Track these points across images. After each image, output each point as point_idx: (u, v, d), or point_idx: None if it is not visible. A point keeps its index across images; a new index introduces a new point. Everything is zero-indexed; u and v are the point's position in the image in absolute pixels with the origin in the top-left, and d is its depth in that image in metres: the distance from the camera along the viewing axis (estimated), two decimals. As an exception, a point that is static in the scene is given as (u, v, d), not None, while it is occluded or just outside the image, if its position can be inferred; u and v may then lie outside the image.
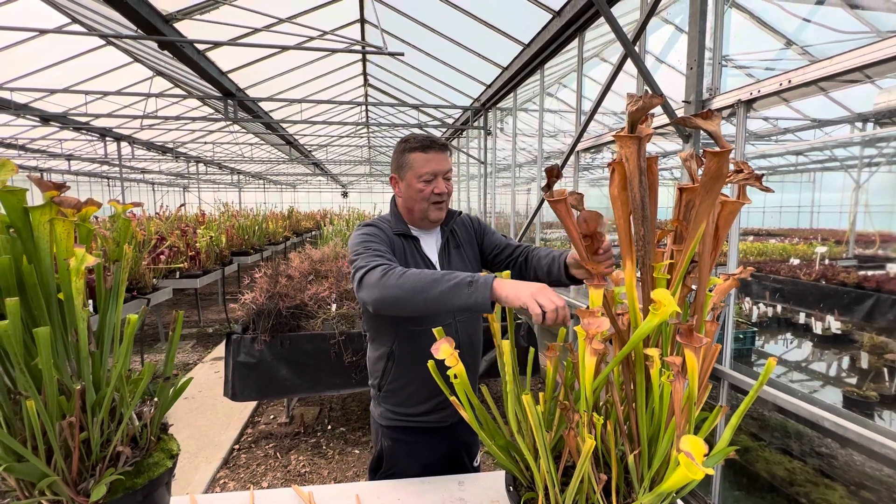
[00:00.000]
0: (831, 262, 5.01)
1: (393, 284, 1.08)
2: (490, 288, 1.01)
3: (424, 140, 1.34)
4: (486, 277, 1.04)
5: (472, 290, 1.02)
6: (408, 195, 1.37)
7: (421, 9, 4.51)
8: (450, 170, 1.37)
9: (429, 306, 1.06)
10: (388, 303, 1.09)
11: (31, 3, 4.15)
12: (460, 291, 1.02)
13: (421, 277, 1.07)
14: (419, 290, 1.05)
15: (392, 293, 1.08)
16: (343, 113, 9.28)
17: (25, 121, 7.53)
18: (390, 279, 1.09)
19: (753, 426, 3.11)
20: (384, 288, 1.09)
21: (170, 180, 19.67)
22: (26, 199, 0.83)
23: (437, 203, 1.36)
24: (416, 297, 1.06)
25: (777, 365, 3.18)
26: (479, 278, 1.03)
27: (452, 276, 1.06)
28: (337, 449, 3.18)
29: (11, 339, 0.72)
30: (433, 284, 1.05)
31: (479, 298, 1.01)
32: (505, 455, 0.95)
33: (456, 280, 1.04)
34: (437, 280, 1.05)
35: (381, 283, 1.09)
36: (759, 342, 3.70)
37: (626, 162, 0.80)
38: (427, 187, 1.34)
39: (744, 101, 2.00)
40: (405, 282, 1.07)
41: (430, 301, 1.05)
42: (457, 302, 1.03)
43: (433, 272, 1.09)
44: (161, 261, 5.02)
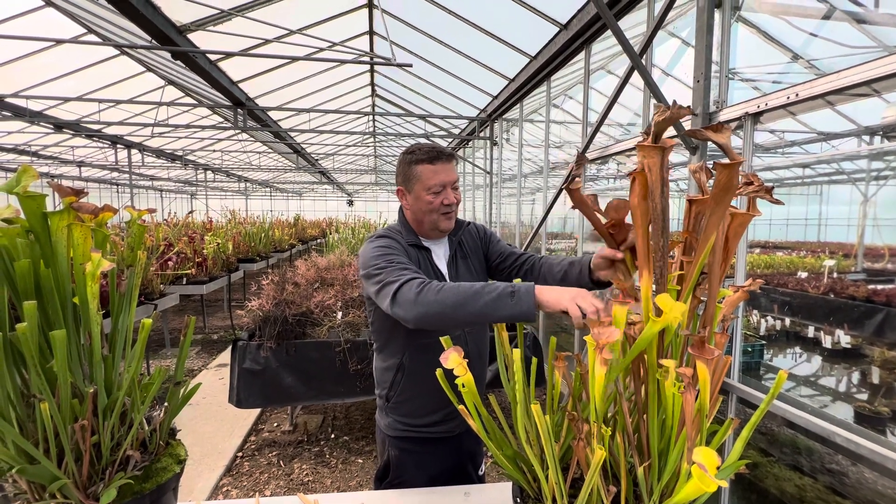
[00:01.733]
0: (840, 275, 4.96)
1: (433, 300, 1.06)
2: (532, 296, 1.00)
3: (431, 151, 1.33)
4: (527, 286, 1.02)
5: (515, 300, 1.00)
6: (417, 207, 1.36)
7: (429, 21, 4.57)
8: (457, 179, 1.37)
9: (471, 320, 1.04)
10: (430, 319, 1.07)
11: (50, 14, 4.25)
12: (503, 302, 1.01)
13: (461, 291, 1.05)
14: (461, 305, 1.04)
15: (434, 309, 1.06)
16: (350, 122, 9.38)
17: (39, 128, 7.67)
18: (429, 295, 1.07)
19: (762, 441, 3.06)
20: (425, 304, 1.07)
21: (178, 187, 19.88)
22: (45, 204, 0.85)
23: (446, 213, 1.36)
24: (458, 312, 1.04)
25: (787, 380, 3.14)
26: (521, 287, 1.02)
27: (493, 287, 1.04)
28: (340, 458, 3.16)
29: (29, 341, 0.73)
30: (475, 297, 1.03)
31: (524, 307, 0.99)
32: (512, 465, 0.95)
33: (497, 291, 1.03)
34: (479, 293, 1.04)
35: (421, 299, 1.07)
36: (767, 356, 3.66)
37: (649, 172, 0.80)
38: (436, 199, 1.33)
39: (751, 114, 2.01)
40: (445, 297, 1.05)
41: (473, 315, 1.03)
42: (501, 313, 1.01)
43: (471, 284, 1.07)
44: (169, 267, 5.06)
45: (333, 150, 11.63)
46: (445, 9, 4.18)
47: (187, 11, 3.79)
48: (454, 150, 8.71)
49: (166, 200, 21.04)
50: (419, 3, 4.24)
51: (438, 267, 1.41)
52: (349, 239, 6.39)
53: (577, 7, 3.41)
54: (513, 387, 0.94)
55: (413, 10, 4.45)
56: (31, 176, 0.83)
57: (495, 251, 1.51)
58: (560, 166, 5.22)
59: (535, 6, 3.64)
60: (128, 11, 3.24)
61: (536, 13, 3.68)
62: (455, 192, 1.36)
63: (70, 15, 4.36)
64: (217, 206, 19.35)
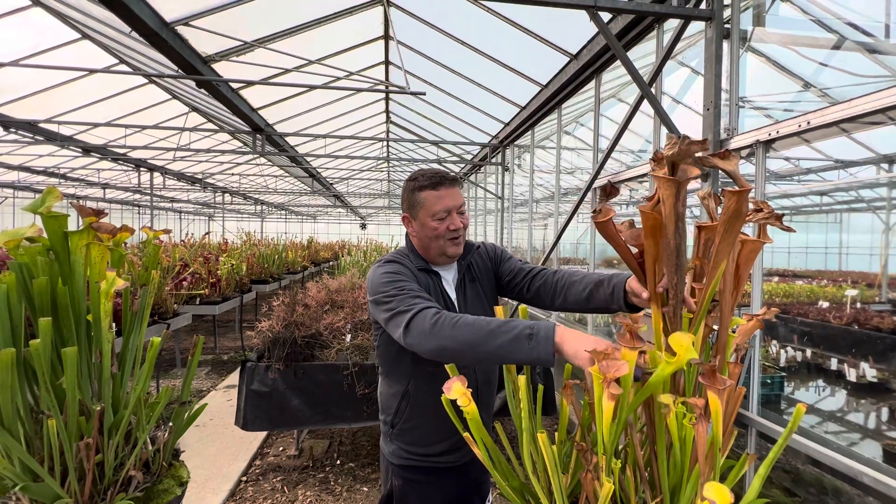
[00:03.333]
0: (863, 305, 4.80)
1: (448, 335, 1.02)
2: (552, 342, 0.93)
3: (434, 177, 1.30)
4: (546, 328, 0.95)
5: (532, 343, 0.94)
6: (423, 234, 1.33)
7: (442, 51, 4.72)
8: (463, 203, 1.33)
9: (485, 359, 1.00)
10: (444, 353, 1.03)
11: (86, 46, 4.51)
12: (520, 345, 0.95)
13: (477, 328, 1.00)
14: (476, 343, 0.99)
15: (448, 344, 1.02)
16: (365, 148, 9.60)
17: (69, 151, 8.01)
18: (444, 329, 1.03)
19: (786, 480, 2.91)
20: (439, 338, 1.03)
21: (196, 209, 20.40)
22: (67, 224, 0.88)
23: (453, 239, 1.32)
24: (473, 351, 1.00)
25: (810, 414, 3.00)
26: (540, 329, 0.95)
27: (510, 326, 0.98)
28: (345, 486, 3.09)
29: (41, 357, 0.74)
30: (490, 337, 0.98)
31: (542, 354, 0.93)
32: (519, 498, 0.92)
33: (515, 332, 0.96)
34: (494, 332, 0.98)
35: (434, 332, 1.03)
36: (788, 388, 3.52)
37: (663, 205, 0.75)
38: (441, 225, 1.30)
39: (763, 142, 2.00)
40: (461, 333, 1.01)
41: (486, 354, 0.99)
42: (517, 357, 0.96)
43: (489, 321, 1.02)
44: (183, 287, 5.14)
45: (348, 175, 11.87)
46: (458, 40, 4.32)
47: (212, 43, 3.99)
48: (461, 175, 8.82)
49: (185, 222, 21.56)
50: (433, 35, 4.40)
51: (448, 292, 1.38)
52: (361, 262, 6.44)
53: (586, 38, 3.49)
54: (518, 414, 0.92)
55: (427, 41, 4.61)
56: (55, 197, 0.87)
57: (506, 269, 1.46)
58: (571, 192, 5.24)
59: (545, 37, 3.74)
60: (158, 44, 3.43)
61: (547, 44, 3.78)
62: (462, 216, 1.33)
63: (104, 47, 4.62)
64: (233, 227, 19.76)
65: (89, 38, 4.43)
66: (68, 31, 4.28)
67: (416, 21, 4.30)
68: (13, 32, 4.25)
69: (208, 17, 3.64)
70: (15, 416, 0.76)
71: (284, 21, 4.17)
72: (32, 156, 8.62)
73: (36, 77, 5.10)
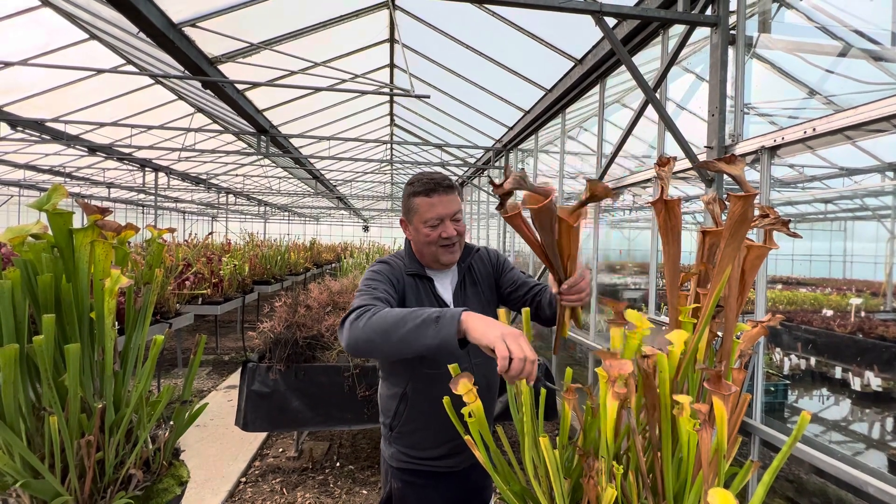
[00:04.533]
0: (868, 314, 4.77)
1: (362, 326, 1.02)
2: (457, 323, 0.93)
3: (428, 183, 1.28)
4: (452, 311, 0.95)
5: (438, 326, 0.94)
6: (417, 239, 1.33)
7: (447, 55, 4.74)
8: (458, 210, 1.31)
9: (400, 348, 0.99)
10: (357, 345, 1.04)
11: (93, 47, 4.55)
12: (426, 330, 0.95)
13: (389, 317, 1.01)
14: (387, 331, 0.99)
15: (362, 335, 1.02)
16: (369, 150, 9.63)
17: (75, 151, 8.06)
18: (361, 321, 1.03)
19: (790, 489, 2.88)
20: (355, 330, 1.03)
21: (200, 209, 20.48)
22: (72, 221, 0.88)
23: (446, 246, 1.30)
24: (384, 339, 0.99)
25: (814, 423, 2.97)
26: (447, 313, 0.96)
27: (420, 312, 0.98)
28: (344, 488, 3.08)
29: (44, 354, 0.74)
30: (400, 324, 0.98)
31: (445, 335, 0.93)
32: (520, 502, 0.91)
33: (423, 317, 0.97)
34: (404, 318, 0.98)
35: (354, 325, 1.04)
36: (791, 396, 3.49)
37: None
38: (433, 232, 1.28)
39: (768, 148, 2.00)
40: (374, 323, 1.01)
41: (399, 342, 0.98)
42: (424, 342, 0.95)
43: (404, 310, 1.02)
44: (186, 286, 5.15)
45: (351, 177, 11.91)
46: (463, 43, 4.33)
47: (219, 44, 4.01)
48: (464, 178, 8.83)
49: (188, 222, 21.65)
50: (438, 38, 4.41)
51: (442, 296, 1.36)
52: (363, 264, 6.44)
53: (591, 43, 3.50)
54: (521, 418, 0.92)
55: (432, 45, 4.63)
56: (60, 194, 0.87)
57: (508, 279, 1.46)
58: (574, 197, 5.23)
59: (550, 42, 3.75)
60: (165, 45, 3.45)
61: (552, 48, 3.79)
62: (456, 223, 1.30)
63: (112, 47, 4.66)
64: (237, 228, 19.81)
65: (97, 39, 4.47)
66: (76, 32, 4.32)
67: (421, 24, 4.32)
68: (22, 32, 4.29)
69: (215, 19, 3.66)
70: (17, 413, 0.76)
71: (291, 23, 4.19)
72: (38, 154, 8.68)
73: (44, 76, 5.15)
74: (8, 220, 12.62)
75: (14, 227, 0.86)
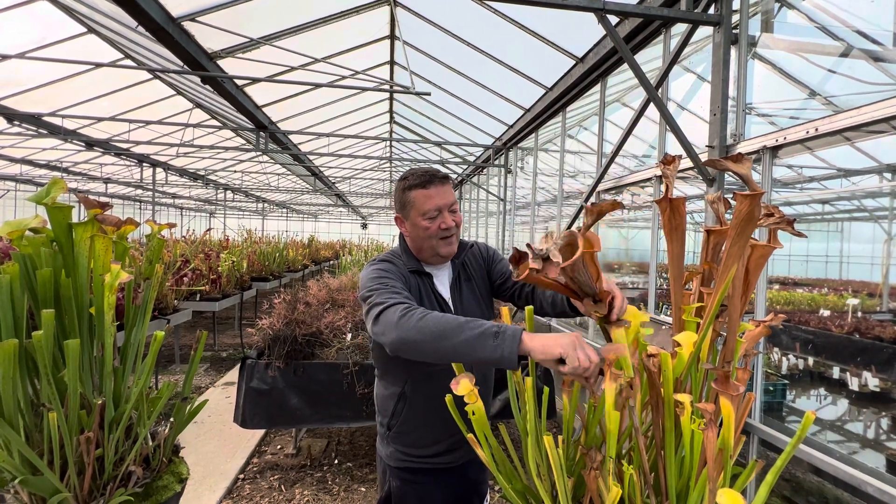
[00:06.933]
0: (864, 314, 4.79)
1: (413, 326, 1.01)
2: (518, 342, 0.92)
3: (423, 175, 1.29)
4: (514, 329, 0.94)
5: (497, 342, 0.93)
6: (415, 234, 1.32)
7: (448, 52, 4.73)
8: (454, 202, 1.32)
9: (449, 354, 0.98)
10: (406, 345, 1.03)
11: (91, 40, 4.51)
12: (485, 343, 0.94)
13: (443, 322, 1.00)
14: (440, 336, 0.98)
15: (411, 336, 1.01)
16: (368, 148, 9.61)
17: (72, 145, 8.01)
18: (410, 320, 1.02)
19: (786, 488, 2.90)
20: (404, 329, 1.02)
21: (198, 206, 20.41)
22: (72, 215, 0.87)
23: (445, 238, 1.31)
24: (437, 344, 0.98)
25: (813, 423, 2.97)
26: (507, 329, 0.94)
27: (477, 324, 0.97)
28: (343, 485, 3.08)
29: (44, 350, 0.73)
30: (456, 331, 0.97)
31: (506, 353, 0.91)
32: (522, 501, 0.91)
33: (481, 329, 0.96)
34: (461, 326, 0.97)
35: (401, 323, 1.03)
36: (790, 396, 3.50)
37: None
38: (432, 224, 1.29)
39: (769, 148, 2.00)
40: (426, 325, 1.00)
41: (451, 349, 0.97)
42: (480, 354, 0.94)
43: (457, 317, 1.01)
44: (184, 283, 5.13)
45: (350, 174, 11.88)
46: (464, 41, 4.32)
47: (218, 39, 3.99)
48: (464, 176, 8.82)
49: (186, 218, 21.57)
50: (439, 35, 4.39)
51: (441, 293, 1.36)
52: (361, 261, 6.43)
53: (593, 41, 3.49)
54: (523, 417, 0.91)
55: (433, 42, 4.61)
56: (60, 188, 0.86)
57: (498, 270, 1.46)
58: (574, 195, 5.23)
59: (551, 40, 3.74)
60: (164, 39, 3.43)
61: (553, 46, 3.78)
62: (454, 214, 1.31)
63: (110, 41, 4.62)
64: (234, 225, 19.76)
65: (95, 33, 4.43)
66: (74, 25, 4.28)
67: (422, 21, 4.30)
68: (20, 25, 4.25)
69: (215, 13, 3.64)
70: (15, 409, 0.75)
71: (291, 19, 4.17)
72: (35, 149, 8.63)
73: (41, 70, 5.10)
74: (4, 214, 12.54)
75: (12, 220, 0.85)
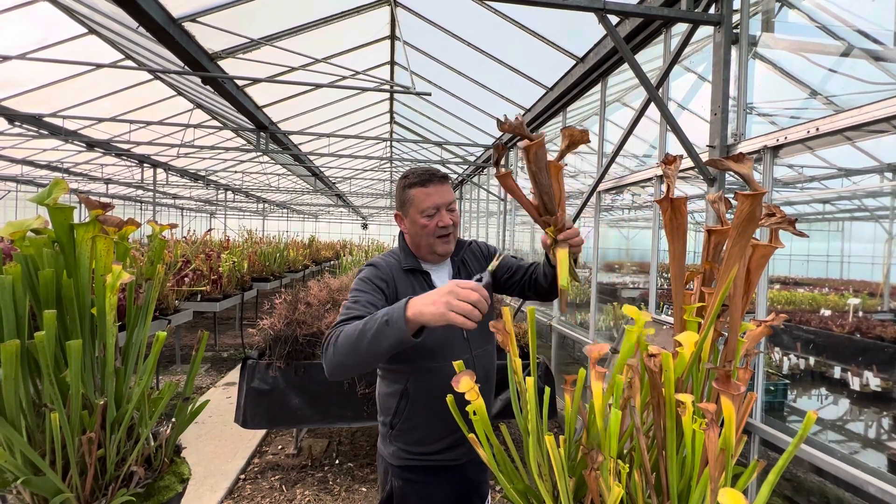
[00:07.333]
0: (865, 314, 4.78)
1: (333, 352, 1.05)
2: (403, 315, 0.96)
3: (423, 174, 1.33)
4: (397, 308, 0.98)
5: (391, 327, 0.97)
6: (413, 231, 1.35)
7: (448, 52, 4.73)
8: (453, 201, 1.35)
9: (369, 359, 1.02)
10: (337, 370, 1.06)
11: (92, 41, 4.52)
12: (383, 333, 0.98)
13: (350, 336, 1.03)
14: (353, 350, 1.02)
15: (335, 361, 1.05)
16: (368, 148, 9.61)
17: (73, 146, 8.02)
18: (329, 348, 1.06)
19: (788, 488, 2.89)
20: (328, 359, 1.06)
21: (198, 206, 20.43)
22: (73, 216, 0.88)
23: (442, 237, 1.33)
24: (354, 356, 1.02)
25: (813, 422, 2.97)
26: (393, 312, 0.98)
27: (372, 321, 1.01)
28: (344, 485, 3.08)
29: (46, 350, 0.73)
30: (361, 338, 1.01)
31: (401, 332, 0.96)
32: (523, 500, 0.91)
33: (376, 324, 0.99)
34: (363, 332, 1.01)
35: (326, 355, 1.07)
36: (791, 396, 3.50)
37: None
38: (430, 222, 1.31)
39: (770, 147, 2.00)
40: (340, 346, 1.04)
41: (367, 353, 1.00)
42: (387, 343, 0.98)
43: (357, 324, 1.04)
44: (185, 283, 5.13)
45: (351, 174, 11.88)
46: (464, 41, 4.32)
47: (219, 40, 3.99)
48: (464, 176, 8.82)
49: (186, 218, 21.58)
50: (439, 35, 4.40)
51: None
52: (361, 261, 6.44)
53: (593, 41, 3.49)
54: (525, 417, 0.91)
55: (433, 42, 4.61)
56: (62, 189, 0.86)
57: (502, 266, 1.47)
58: (574, 195, 5.23)
59: (552, 40, 3.74)
60: (165, 40, 3.43)
61: (553, 46, 3.78)
62: (451, 213, 1.34)
63: (111, 42, 4.62)
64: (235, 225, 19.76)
65: (96, 33, 4.44)
66: (75, 26, 4.29)
67: (422, 22, 4.31)
68: (20, 26, 4.26)
69: (215, 14, 3.64)
70: (18, 409, 0.75)
71: (291, 19, 4.17)
72: (36, 150, 8.64)
73: (42, 71, 5.11)
74: (5, 215, 12.56)
75: (14, 221, 0.85)
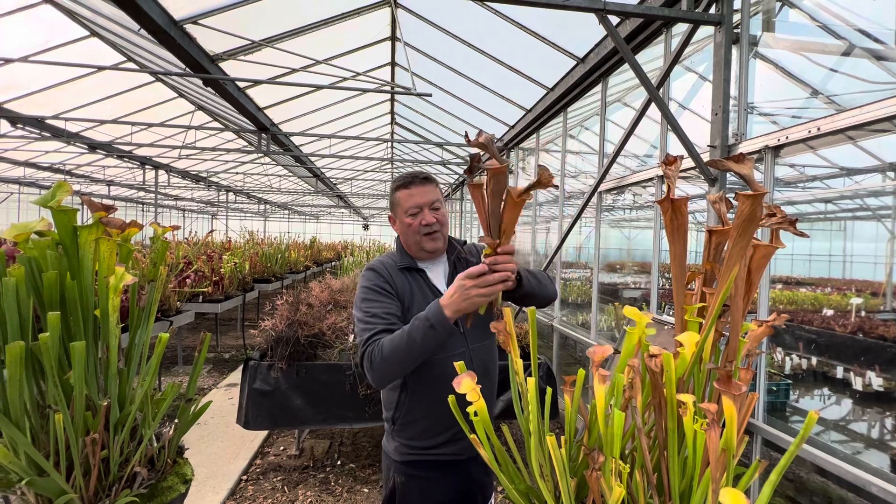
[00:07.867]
0: (868, 314, 4.77)
1: (379, 364, 1.20)
2: (443, 315, 1.12)
3: (406, 177, 1.41)
4: (434, 311, 1.13)
5: (438, 328, 1.13)
6: (402, 231, 1.43)
7: (448, 53, 4.73)
8: (436, 200, 1.40)
9: (417, 361, 1.19)
10: (385, 381, 1.25)
11: (94, 44, 4.54)
12: (431, 335, 1.13)
13: (397, 345, 1.17)
14: (405, 358, 1.17)
15: (388, 369, 1.20)
16: (369, 149, 9.62)
17: (75, 148, 8.05)
18: (374, 361, 1.21)
19: (790, 488, 2.89)
20: (375, 372, 1.21)
21: (200, 207, 20.46)
22: (76, 218, 0.88)
23: (428, 234, 1.39)
24: (405, 362, 1.18)
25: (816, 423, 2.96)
26: (432, 316, 1.13)
27: (415, 328, 1.15)
28: (346, 486, 3.08)
29: (50, 352, 0.74)
30: (410, 346, 1.15)
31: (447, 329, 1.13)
32: (525, 501, 0.91)
33: (422, 329, 1.14)
34: (412, 340, 1.15)
35: (376, 366, 1.21)
36: (793, 396, 3.49)
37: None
38: (414, 221, 1.38)
39: (771, 147, 2.00)
40: (390, 356, 1.18)
41: (415, 359, 1.17)
42: (433, 344, 1.15)
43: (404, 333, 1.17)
44: (186, 284, 5.14)
45: (352, 175, 11.90)
46: (465, 41, 4.32)
47: (220, 42, 4.00)
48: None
49: (188, 220, 21.63)
50: (440, 36, 4.40)
51: (436, 286, 1.43)
52: (362, 262, 6.44)
53: (594, 41, 3.49)
54: (526, 418, 0.91)
55: (434, 43, 4.62)
56: (65, 191, 0.87)
57: None
58: (575, 196, 5.23)
59: (552, 40, 3.75)
60: (166, 42, 3.44)
61: (554, 47, 3.78)
62: (435, 212, 1.39)
63: (112, 44, 4.64)
64: (237, 226, 19.79)
65: (98, 36, 4.45)
66: (77, 29, 4.31)
67: (423, 23, 4.31)
68: (23, 29, 4.27)
69: (216, 16, 3.65)
70: (22, 410, 0.76)
71: (292, 21, 4.18)
72: (38, 152, 8.67)
73: (44, 73, 5.13)
74: (8, 217, 12.61)
75: (18, 224, 0.85)
